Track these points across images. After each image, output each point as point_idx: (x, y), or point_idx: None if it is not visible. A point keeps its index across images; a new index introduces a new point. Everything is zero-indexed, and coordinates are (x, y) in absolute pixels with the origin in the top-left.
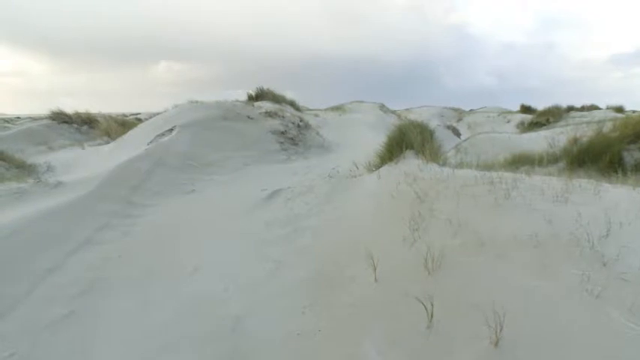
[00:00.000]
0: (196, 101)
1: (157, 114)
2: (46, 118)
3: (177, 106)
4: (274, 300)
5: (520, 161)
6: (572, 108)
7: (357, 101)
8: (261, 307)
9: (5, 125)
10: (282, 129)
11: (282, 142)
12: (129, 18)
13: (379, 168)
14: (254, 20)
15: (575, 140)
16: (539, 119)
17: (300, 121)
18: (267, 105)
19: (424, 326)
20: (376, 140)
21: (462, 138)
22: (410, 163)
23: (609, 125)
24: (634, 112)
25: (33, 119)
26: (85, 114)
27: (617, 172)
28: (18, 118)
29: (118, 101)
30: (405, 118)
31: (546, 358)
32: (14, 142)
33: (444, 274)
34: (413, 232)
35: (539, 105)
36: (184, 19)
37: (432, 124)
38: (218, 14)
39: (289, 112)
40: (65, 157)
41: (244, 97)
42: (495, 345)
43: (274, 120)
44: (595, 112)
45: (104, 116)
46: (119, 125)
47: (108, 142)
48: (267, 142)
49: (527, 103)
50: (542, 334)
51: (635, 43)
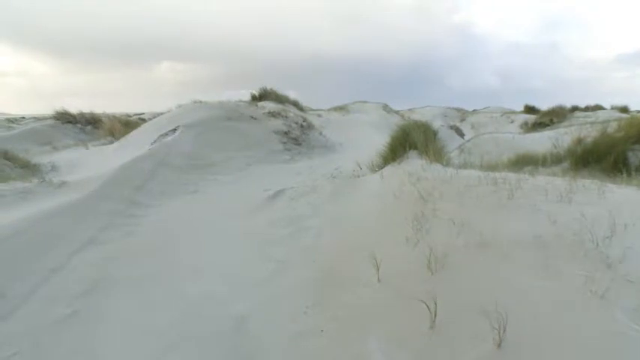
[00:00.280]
0: (200, 101)
1: (161, 114)
2: (51, 118)
3: (180, 106)
4: (277, 300)
5: (524, 161)
6: (576, 108)
7: (361, 101)
8: (265, 307)
9: (10, 125)
10: (286, 129)
11: (285, 143)
12: (131, 18)
13: (382, 168)
14: (257, 20)
15: (580, 140)
16: (543, 119)
17: (304, 122)
18: (270, 105)
19: (427, 327)
20: (379, 140)
21: (466, 138)
22: (413, 163)
23: (614, 125)
24: (639, 112)
25: (37, 119)
26: (89, 114)
27: (621, 172)
28: (23, 118)
29: (121, 101)
30: (409, 118)
31: (550, 359)
32: (19, 142)
33: (447, 274)
34: (416, 232)
35: (543, 105)
36: (187, 19)
37: (436, 124)
38: (221, 14)
39: (292, 112)
40: (69, 156)
41: (247, 97)
42: (498, 346)
43: (277, 120)
44: (599, 113)
45: (108, 116)
46: (123, 125)
47: (112, 142)
48: (271, 142)
49: (531, 103)
50: (546, 335)
51: None
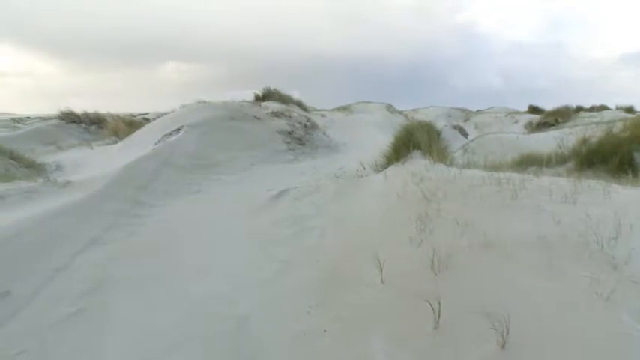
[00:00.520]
0: (203, 101)
1: (165, 114)
2: (55, 118)
3: (184, 107)
4: (281, 300)
5: (528, 162)
6: (581, 108)
7: (364, 101)
8: (268, 307)
9: (15, 125)
10: (289, 129)
11: (288, 143)
12: (136, 19)
13: (386, 168)
14: (260, 20)
15: (584, 141)
16: (547, 119)
17: (307, 122)
18: (273, 105)
19: (431, 327)
20: (383, 140)
21: (469, 138)
22: (417, 163)
23: (619, 125)
24: None
25: (42, 119)
26: (94, 114)
27: (627, 173)
28: (28, 118)
29: (125, 101)
30: (412, 118)
31: None
32: (24, 141)
33: (450, 275)
34: (420, 232)
35: (547, 105)
36: (191, 19)
37: (439, 124)
38: (224, 15)
39: (296, 112)
40: (74, 156)
41: (251, 97)
42: (502, 347)
43: (281, 120)
44: (604, 113)
45: (112, 116)
46: (127, 125)
47: (116, 142)
48: (274, 142)
49: (535, 103)
50: (550, 336)
51: None
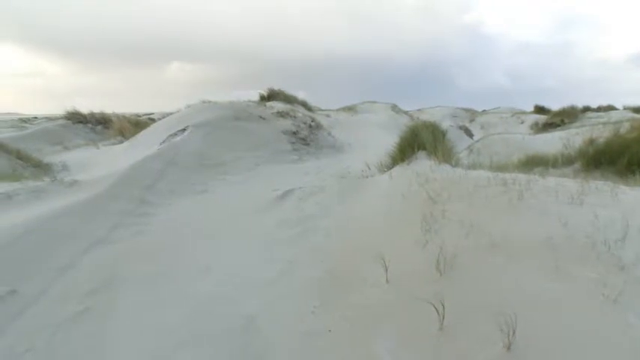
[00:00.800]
0: (209, 101)
1: (170, 114)
2: (62, 118)
3: (189, 106)
4: (286, 300)
5: (534, 162)
6: (588, 108)
7: (369, 102)
8: (273, 307)
9: (23, 125)
10: (294, 129)
11: (293, 143)
12: (140, 19)
13: (391, 168)
14: (265, 20)
15: (591, 141)
16: (553, 120)
17: (312, 122)
18: (278, 105)
19: (436, 328)
20: (388, 141)
21: (475, 139)
22: (422, 163)
23: (627, 126)
24: None
25: (49, 119)
26: (100, 114)
27: (635, 174)
28: (35, 118)
29: (131, 101)
30: (418, 118)
31: None
32: (31, 141)
33: (455, 275)
34: (425, 233)
35: (554, 105)
36: (196, 19)
37: (445, 124)
38: (229, 15)
39: (301, 112)
40: (80, 156)
41: (256, 98)
42: (508, 349)
43: (286, 120)
44: (612, 113)
45: (118, 116)
46: (133, 125)
47: (122, 142)
48: (279, 142)
49: (541, 103)
50: (557, 338)
51: None
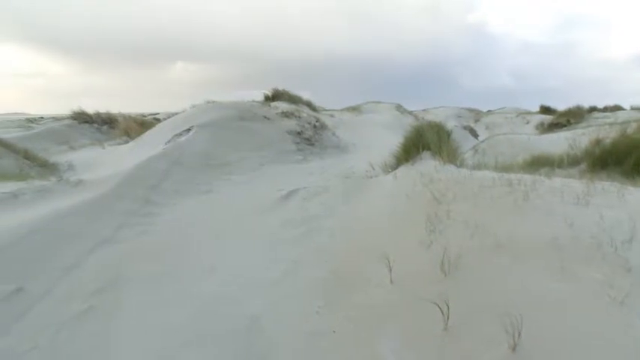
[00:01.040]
0: (213, 101)
1: (175, 114)
2: (68, 118)
3: (194, 107)
4: (290, 300)
5: (539, 163)
6: (594, 108)
7: (374, 102)
8: (277, 307)
9: (29, 125)
10: (299, 129)
11: (298, 143)
12: (144, 19)
13: (395, 169)
14: (270, 20)
15: (598, 141)
16: (559, 120)
17: (317, 122)
18: (283, 105)
19: (440, 329)
20: (392, 141)
21: (480, 139)
22: (426, 164)
23: (634, 126)
24: None
25: (56, 119)
26: (105, 114)
27: None
28: (41, 117)
29: (136, 101)
30: (422, 118)
31: None
32: (38, 141)
33: (460, 276)
34: (429, 233)
35: (559, 105)
36: (200, 19)
37: (449, 124)
38: (234, 15)
39: (305, 112)
40: (86, 156)
41: (261, 98)
42: (513, 350)
43: (290, 120)
44: (619, 113)
45: (123, 116)
46: (138, 125)
47: (127, 142)
48: (284, 142)
49: (547, 103)
50: (562, 339)
51: None
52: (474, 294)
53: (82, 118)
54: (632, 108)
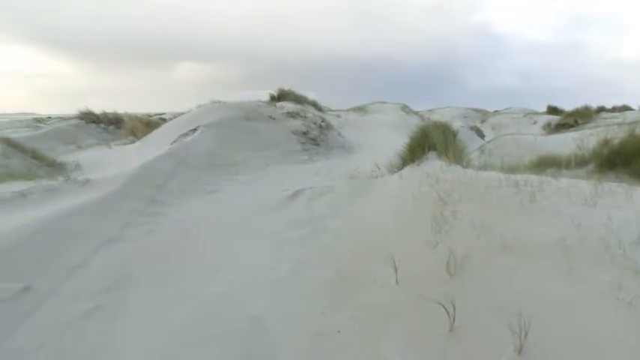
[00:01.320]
0: (219, 101)
1: (181, 114)
2: (75, 118)
3: (200, 107)
4: (294, 300)
5: (546, 163)
6: (602, 109)
7: (379, 102)
8: (282, 307)
9: (37, 125)
10: (304, 129)
11: (303, 143)
12: (150, 19)
13: (401, 169)
14: (276, 20)
15: (606, 142)
16: (566, 120)
17: (322, 122)
18: (289, 105)
19: (446, 330)
20: (398, 141)
21: (486, 139)
22: (432, 164)
23: None
24: None
25: (63, 119)
26: (112, 114)
27: None
28: (49, 117)
29: (142, 101)
30: (428, 119)
31: None
32: (45, 141)
33: (466, 277)
34: (435, 234)
35: (566, 106)
36: (205, 20)
37: (455, 125)
38: (239, 15)
39: (311, 112)
40: (93, 155)
41: (266, 98)
42: (519, 352)
43: (296, 120)
44: (627, 113)
45: (130, 116)
46: (144, 125)
47: (133, 142)
48: (289, 142)
49: (554, 103)
50: (569, 341)
51: None
52: (479, 295)
53: (89, 118)
54: None
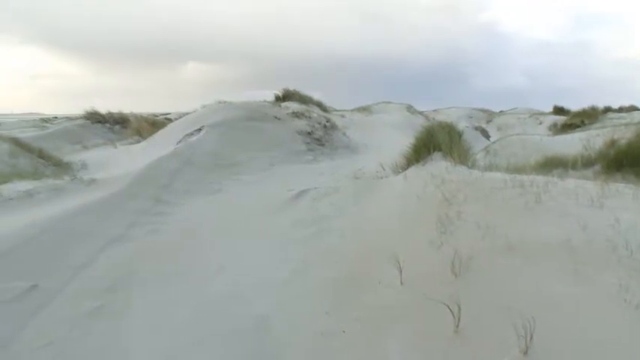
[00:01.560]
0: (224, 102)
1: (186, 114)
2: (81, 118)
3: (205, 107)
4: (299, 300)
5: (552, 164)
6: (609, 109)
7: (384, 102)
8: (286, 307)
9: (44, 125)
10: (309, 129)
11: (308, 143)
12: (156, 20)
13: (406, 169)
14: (281, 20)
15: (613, 142)
16: (573, 121)
17: (327, 122)
18: (293, 105)
19: (450, 331)
20: (403, 141)
21: (492, 140)
22: (437, 164)
23: None
24: None
25: (69, 119)
26: (118, 114)
27: None
28: (55, 117)
29: (148, 101)
30: (433, 119)
31: None
32: (52, 140)
33: (471, 278)
34: (440, 234)
35: (573, 106)
36: (211, 20)
37: (461, 125)
38: (245, 16)
39: (316, 112)
40: (99, 155)
41: (271, 98)
42: (525, 354)
43: (301, 120)
44: (635, 114)
45: (135, 116)
46: (150, 125)
47: (139, 142)
48: (294, 142)
49: (560, 103)
50: (576, 344)
51: None
52: (484, 296)
53: (94, 118)
54: None
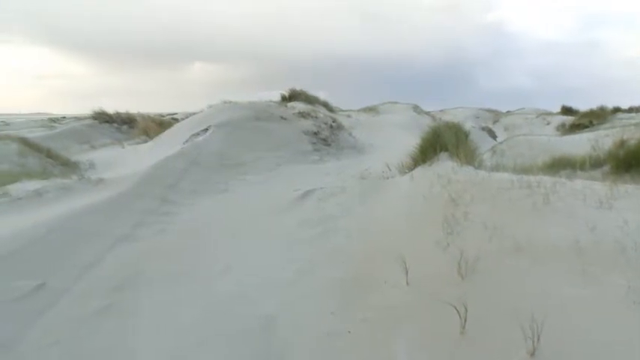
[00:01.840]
0: (230, 102)
1: (193, 114)
2: (89, 118)
3: (211, 107)
4: (305, 300)
5: (560, 165)
6: (618, 109)
7: (391, 102)
8: (293, 307)
9: (52, 125)
10: (315, 130)
11: (314, 143)
12: (164, 20)
13: (412, 170)
14: (287, 21)
15: (622, 143)
16: (581, 121)
17: (333, 122)
18: (300, 106)
19: (457, 332)
20: (409, 142)
21: (498, 140)
22: (444, 165)
23: None
24: None
25: (77, 119)
26: (125, 114)
27: None
28: (64, 117)
29: (155, 101)
30: (440, 119)
31: None
32: (60, 140)
33: (478, 279)
34: (446, 235)
35: (581, 106)
36: (217, 21)
37: (467, 125)
38: (250, 16)
39: (322, 112)
40: (106, 155)
41: (278, 98)
42: (532, 355)
43: (307, 120)
44: None
45: (142, 116)
46: (157, 125)
47: (146, 141)
48: (300, 142)
49: (568, 104)
50: (583, 346)
51: None
52: (491, 297)
53: (102, 118)
54: None
